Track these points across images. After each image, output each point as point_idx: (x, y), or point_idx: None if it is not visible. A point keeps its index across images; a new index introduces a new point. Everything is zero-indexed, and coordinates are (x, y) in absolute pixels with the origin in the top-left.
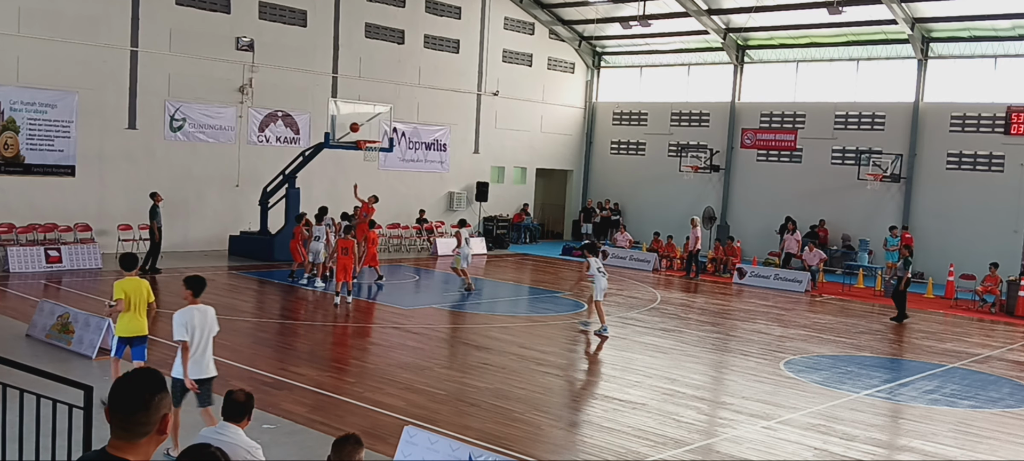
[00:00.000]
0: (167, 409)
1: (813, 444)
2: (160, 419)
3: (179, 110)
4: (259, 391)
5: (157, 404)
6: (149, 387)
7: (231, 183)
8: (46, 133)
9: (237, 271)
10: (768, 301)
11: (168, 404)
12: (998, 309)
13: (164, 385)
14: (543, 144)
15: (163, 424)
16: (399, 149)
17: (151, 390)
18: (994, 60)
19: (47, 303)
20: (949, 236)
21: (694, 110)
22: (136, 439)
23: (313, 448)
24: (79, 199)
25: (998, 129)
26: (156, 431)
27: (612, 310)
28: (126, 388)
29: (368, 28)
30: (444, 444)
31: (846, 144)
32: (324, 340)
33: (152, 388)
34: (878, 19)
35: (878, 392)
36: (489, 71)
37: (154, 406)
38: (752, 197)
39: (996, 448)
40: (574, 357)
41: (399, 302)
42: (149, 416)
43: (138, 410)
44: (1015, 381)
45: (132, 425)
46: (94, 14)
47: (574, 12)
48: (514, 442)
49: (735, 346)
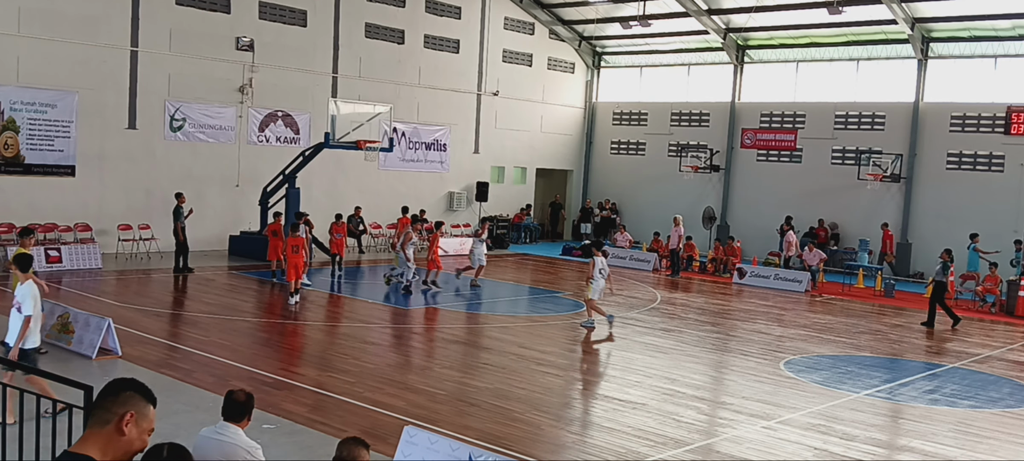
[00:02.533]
0: (132, 410)
1: (813, 444)
2: (121, 416)
3: (179, 110)
4: (259, 391)
5: (123, 399)
6: (125, 384)
7: (231, 183)
8: (46, 133)
9: (237, 271)
10: (768, 301)
11: (135, 406)
12: (998, 309)
13: (142, 389)
14: (543, 144)
15: (121, 424)
16: (399, 149)
17: (124, 386)
18: (994, 60)
19: (47, 303)
20: (949, 236)
21: (694, 110)
22: (96, 426)
23: (313, 448)
24: (79, 199)
25: (998, 129)
26: (115, 427)
27: (613, 310)
28: (112, 382)
29: (368, 28)
30: (444, 444)
31: (846, 144)
32: (323, 340)
33: (126, 386)
34: (878, 19)
35: (878, 392)
36: (489, 71)
37: (121, 400)
38: (752, 197)
39: (996, 448)
40: (574, 357)
41: (399, 302)
42: (113, 405)
43: (107, 395)
44: (1015, 381)
45: (97, 409)
46: (94, 14)
47: (574, 12)
48: (514, 442)
49: (735, 346)
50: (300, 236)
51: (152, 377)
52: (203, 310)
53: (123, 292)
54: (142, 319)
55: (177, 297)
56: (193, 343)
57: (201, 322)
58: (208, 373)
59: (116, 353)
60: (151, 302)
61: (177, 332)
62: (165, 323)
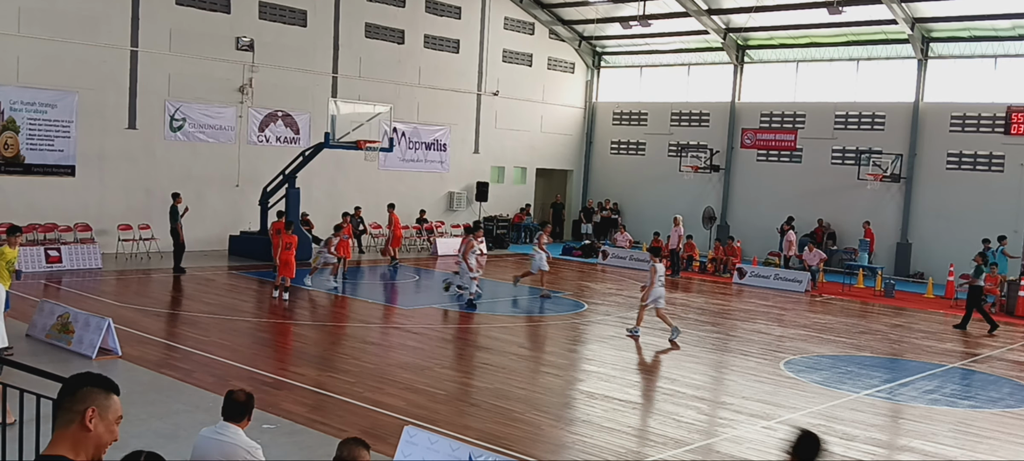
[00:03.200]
0: (93, 405)
1: None
2: (82, 412)
3: (179, 110)
4: (259, 391)
5: (82, 395)
6: (82, 380)
7: (231, 183)
8: (46, 133)
9: (237, 271)
10: (768, 301)
11: (95, 400)
12: (998, 309)
13: (101, 381)
14: (543, 144)
15: (84, 420)
16: (399, 149)
17: (82, 382)
18: (994, 60)
19: (47, 303)
20: (949, 236)
21: (694, 110)
22: (61, 426)
23: (313, 448)
24: (79, 199)
25: (998, 129)
26: (79, 424)
27: (612, 310)
28: (67, 379)
29: (368, 28)
30: (444, 444)
31: (846, 144)
32: (323, 340)
33: (84, 381)
34: (878, 19)
35: (878, 392)
36: (489, 71)
37: (80, 397)
38: (752, 197)
39: (996, 448)
40: (574, 357)
41: (399, 302)
42: (73, 403)
43: (65, 393)
44: (1015, 381)
45: (59, 409)
46: (94, 14)
47: (574, 12)
48: (514, 442)
49: (735, 346)
50: (294, 235)
51: (152, 377)
52: (203, 310)
53: (123, 292)
54: (142, 319)
55: (177, 297)
56: (193, 343)
57: (201, 322)
58: (208, 373)
59: (116, 353)
60: (151, 302)
61: (177, 332)
62: (165, 323)
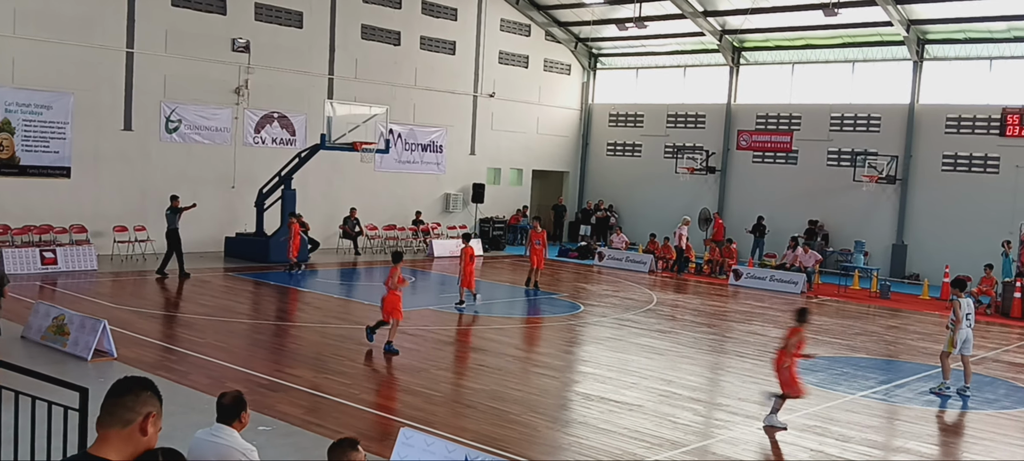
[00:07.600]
0: (153, 410)
1: (809, 445)
2: (144, 416)
3: (175, 111)
4: (255, 393)
5: (145, 399)
6: (141, 383)
7: (227, 184)
8: (41, 134)
9: (233, 273)
10: (764, 302)
11: (154, 406)
12: (993, 310)
13: (155, 388)
14: (539, 145)
15: (144, 423)
16: (395, 151)
17: (142, 386)
18: (989, 62)
19: (42, 305)
20: (944, 237)
21: (690, 112)
22: (117, 426)
23: (309, 450)
24: (74, 201)
25: (993, 131)
26: (138, 427)
27: (608, 311)
28: (123, 380)
29: (364, 29)
30: (440, 446)
31: (842, 145)
32: (319, 341)
33: (143, 385)
34: (873, 21)
35: (874, 393)
36: (485, 73)
37: (143, 400)
38: (748, 199)
39: (991, 449)
40: (570, 359)
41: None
42: (136, 404)
43: (127, 394)
44: (1010, 382)
45: (117, 408)
46: (89, 15)
47: (570, 14)
48: (510, 444)
49: (731, 347)
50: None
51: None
52: (199, 312)
53: (119, 294)
54: (138, 321)
55: (173, 299)
56: (189, 345)
57: (197, 324)
58: (204, 375)
59: (112, 355)
60: (147, 304)
61: (173, 334)
62: (161, 325)
